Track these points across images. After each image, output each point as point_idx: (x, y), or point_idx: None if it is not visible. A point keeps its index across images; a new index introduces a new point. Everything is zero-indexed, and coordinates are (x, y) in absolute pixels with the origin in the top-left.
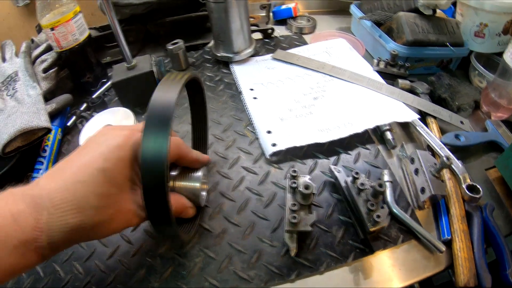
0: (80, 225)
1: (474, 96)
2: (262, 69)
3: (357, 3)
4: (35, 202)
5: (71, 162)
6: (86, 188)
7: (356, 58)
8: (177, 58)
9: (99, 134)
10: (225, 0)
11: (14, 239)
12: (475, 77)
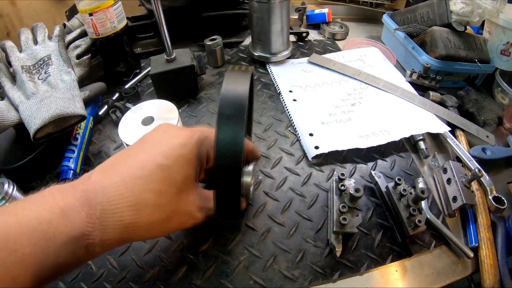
0: (135, 223)
1: (498, 112)
2: (299, 72)
3: (390, 13)
4: (88, 196)
5: (127, 157)
6: (145, 185)
7: (389, 68)
8: (214, 54)
9: (158, 131)
10: (269, 1)
11: (63, 236)
12: (498, 94)
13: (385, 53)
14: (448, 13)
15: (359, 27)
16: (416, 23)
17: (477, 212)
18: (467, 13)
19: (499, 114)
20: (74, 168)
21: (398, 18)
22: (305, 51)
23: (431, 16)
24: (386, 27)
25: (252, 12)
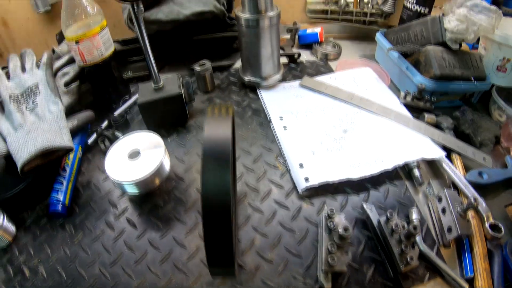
0: None
1: (495, 131)
2: (290, 97)
3: (383, 31)
4: None
5: None
6: None
7: (383, 89)
8: (203, 79)
9: None
10: (258, 26)
11: None
12: (495, 111)
13: (378, 73)
14: (443, 31)
15: (352, 45)
16: (410, 41)
17: (473, 241)
18: (462, 30)
19: (496, 133)
20: (63, 200)
21: (391, 37)
22: (297, 74)
23: (425, 34)
24: (379, 45)
25: (241, 37)
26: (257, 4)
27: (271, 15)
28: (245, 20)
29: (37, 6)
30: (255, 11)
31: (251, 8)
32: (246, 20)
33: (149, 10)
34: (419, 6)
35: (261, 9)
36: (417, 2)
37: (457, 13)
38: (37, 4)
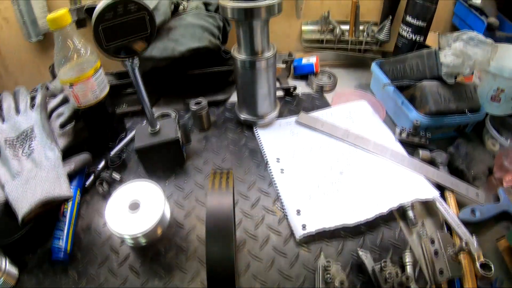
0: None
1: (488, 162)
2: (286, 135)
3: (379, 61)
4: None
5: None
6: None
7: (379, 124)
8: (200, 118)
9: None
10: (254, 67)
11: None
12: (488, 140)
13: (374, 105)
14: (439, 65)
15: (347, 74)
16: (405, 74)
17: (464, 281)
18: (458, 65)
19: (489, 164)
20: (64, 247)
21: (387, 68)
22: (293, 108)
23: (421, 68)
24: (374, 76)
25: (237, 76)
26: (254, 46)
27: (268, 55)
28: (241, 62)
29: (29, 35)
30: (251, 52)
31: (247, 49)
32: (242, 62)
33: None
34: (415, 34)
35: (257, 50)
36: (413, 31)
37: (453, 47)
38: (29, 33)
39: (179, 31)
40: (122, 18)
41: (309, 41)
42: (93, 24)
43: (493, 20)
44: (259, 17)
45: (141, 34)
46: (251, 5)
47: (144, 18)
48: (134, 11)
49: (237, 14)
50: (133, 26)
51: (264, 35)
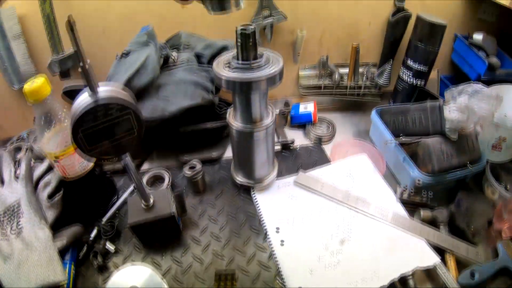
0: None
1: (488, 214)
2: (285, 198)
3: (379, 109)
4: None
5: None
6: None
7: (380, 183)
8: (195, 183)
9: None
10: (252, 136)
11: None
12: (488, 188)
13: (374, 157)
14: (443, 121)
15: (345, 119)
16: (407, 126)
17: None
18: (462, 121)
19: (489, 216)
20: None
21: (388, 118)
22: (291, 164)
23: (424, 122)
24: (373, 123)
25: (233, 143)
26: (251, 115)
27: (267, 123)
28: (237, 131)
29: (11, 82)
30: (248, 121)
31: (244, 118)
32: (238, 131)
33: None
34: (415, 79)
35: (255, 118)
36: (413, 75)
37: (458, 102)
38: (12, 80)
39: (169, 89)
40: (104, 121)
41: (307, 87)
42: (71, 131)
43: (495, 61)
44: (258, 89)
45: (128, 133)
46: (249, 77)
47: (129, 117)
48: (116, 113)
49: (232, 86)
50: (118, 126)
51: (263, 103)
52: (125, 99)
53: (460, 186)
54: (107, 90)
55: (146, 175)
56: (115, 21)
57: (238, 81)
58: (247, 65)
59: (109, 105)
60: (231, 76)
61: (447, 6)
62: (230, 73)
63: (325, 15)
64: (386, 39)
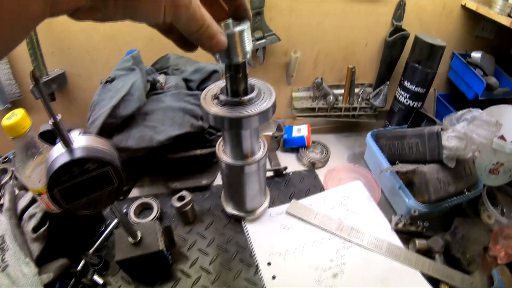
0: None
1: (484, 241)
2: (277, 229)
3: (374, 132)
4: None
5: None
6: None
7: (374, 212)
8: (184, 214)
9: None
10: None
11: None
12: (484, 212)
13: (369, 183)
14: (440, 148)
15: (340, 141)
16: (403, 152)
17: None
18: (461, 149)
19: (485, 243)
20: None
21: (383, 143)
22: (283, 191)
23: (421, 149)
24: (368, 147)
25: (223, 174)
26: (242, 151)
27: (259, 157)
28: (226, 166)
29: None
30: (239, 157)
31: (234, 153)
32: (228, 166)
33: (117, 135)
34: (412, 101)
35: (246, 153)
36: (410, 97)
37: (457, 129)
38: None
39: (157, 116)
40: (81, 177)
41: (301, 109)
42: (47, 188)
43: (493, 81)
44: (250, 127)
45: (108, 188)
46: (239, 115)
47: (108, 171)
48: (93, 169)
49: (221, 123)
50: (97, 181)
51: (255, 138)
52: (104, 150)
53: (456, 212)
54: (83, 143)
55: (134, 204)
56: (100, 42)
57: (227, 118)
58: (237, 100)
59: (84, 160)
60: (219, 112)
61: (445, 24)
62: (219, 109)
63: (320, 36)
64: (382, 59)
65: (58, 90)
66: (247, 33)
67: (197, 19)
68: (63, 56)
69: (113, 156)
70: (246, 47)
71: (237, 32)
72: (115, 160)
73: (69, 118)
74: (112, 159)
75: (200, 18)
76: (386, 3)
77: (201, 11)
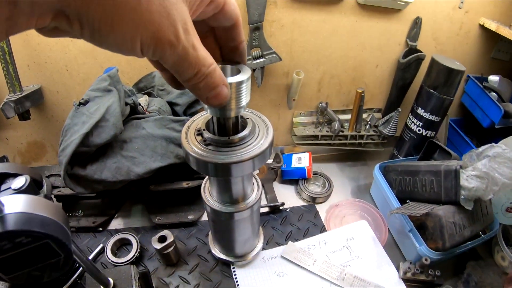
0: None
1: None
2: (270, 277)
3: (382, 165)
4: None
5: None
6: None
7: (380, 257)
8: (166, 256)
9: None
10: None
11: None
12: (497, 253)
13: (375, 221)
14: (458, 189)
15: (344, 171)
16: (415, 190)
17: None
18: (481, 190)
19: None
20: None
21: (393, 177)
22: (279, 231)
23: (436, 187)
24: (376, 181)
25: (209, 219)
26: (232, 196)
27: (252, 201)
28: (213, 211)
29: None
30: (227, 202)
31: (221, 199)
32: (214, 211)
33: (91, 165)
34: (425, 130)
35: (237, 198)
36: (423, 126)
37: (478, 168)
38: None
39: (136, 145)
40: (13, 251)
41: (302, 136)
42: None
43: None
44: (240, 174)
45: (52, 259)
46: (228, 160)
47: (48, 244)
48: (28, 242)
49: (204, 169)
50: (37, 254)
51: (247, 182)
52: (44, 218)
53: (469, 253)
54: (17, 207)
55: (111, 240)
56: (78, 56)
57: (212, 164)
58: (225, 140)
59: (15, 234)
60: (202, 155)
61: (462, 44)
62: (202, 150)
63: (326, 55)
64: (394, 83)
65: (34, 108)
66: (247, 84)
67: (191, 63)
68: (39, 71)
69: (55, 226)
70: (243, 102)
71: (235, 83)
72: (57, 231)
73: (46, 137)
74: (53, 230)
75: (195, 63)
76: (400, 20)
77: (198, 54)
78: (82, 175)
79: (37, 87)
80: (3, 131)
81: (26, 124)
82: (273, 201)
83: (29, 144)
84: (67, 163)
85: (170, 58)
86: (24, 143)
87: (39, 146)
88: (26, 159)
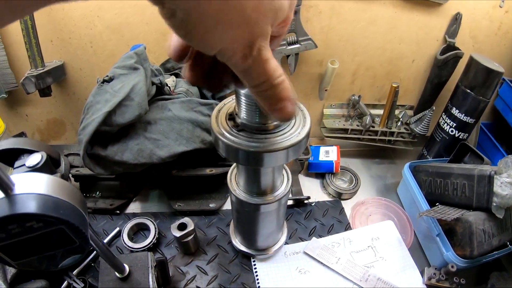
0: None
1: None
2: (292, 272)
3: (412, 165)
4: None
5: None
6: None
7: (405, 259)
8: (185, 244)
9: None
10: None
11: None
12: None
13: (401, 222)
14: (490, 195)
15: (371, 168)
16: (446, 193)
17: None
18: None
19: None
20: None
21: (423, 178)
22: (303, 225)
23: (467, 192)
24: (404, 180)
25: (233, 209)
26: (260, 187)
27: (281, 193)
28: (238, 201)
29: None
30: (254, 193)
31: (249, 189)
32: (240, 201)
33: (112, 146)
34: (458, 131)
35: (265, 189)
36: (457, 127)
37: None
38: None
39: (161, 127)
40: (23, 236)
41: (331, 129)
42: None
43: None
44: (273, 164)
45: (66, 247)
46: (261, 149)
47: (62, 230)
48: (39, 228)
49: (234, 156)
50: (49, 239)
51: (278, 174)
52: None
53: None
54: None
55: (128, 224)
56: (104, 32)
57: (244, 151)
58: (260, 125)
59: (25, 217)
60: (234, 141)
61: (499, 45)
62: (234, 136)
63: (362, 46)
64: (429, 80)
65: (56, 84)
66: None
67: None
68: (63, 46)
69: (71, 211)
70: None
71: None
72: (74, 216)
73: (67, 115)
74: (69, 215)
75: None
76: (440, 14)
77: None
78: (102, 156)
79: (60, 63)
80: (23, 107)
81: (46, 101)
82: (298, 194)
83: (48, 121)
84: (87, 142)
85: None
86: (44, 120)
87: (59, 124)
88: (45, 137)
